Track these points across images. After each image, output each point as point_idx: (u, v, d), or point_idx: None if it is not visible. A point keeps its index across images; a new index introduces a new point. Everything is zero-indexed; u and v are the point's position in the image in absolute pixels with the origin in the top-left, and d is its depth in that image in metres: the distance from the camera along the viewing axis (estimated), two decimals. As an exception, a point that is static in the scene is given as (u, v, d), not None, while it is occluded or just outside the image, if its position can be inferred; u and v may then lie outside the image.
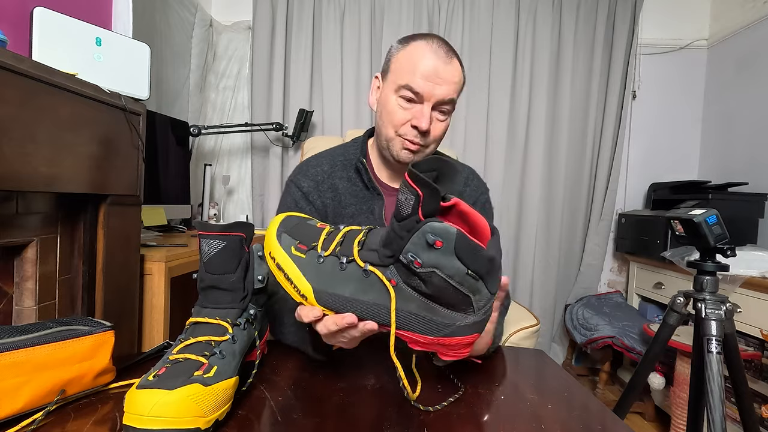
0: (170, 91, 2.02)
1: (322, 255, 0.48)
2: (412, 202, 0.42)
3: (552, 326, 2.35)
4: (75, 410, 0.47)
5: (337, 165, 0.86)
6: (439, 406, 0.51)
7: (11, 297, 0.86)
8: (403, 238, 0.43)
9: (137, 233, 1.10)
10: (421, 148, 0.78)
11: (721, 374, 0.98)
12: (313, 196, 0.83)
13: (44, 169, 0.78)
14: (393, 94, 0.76)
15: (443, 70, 0.73)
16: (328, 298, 0.48)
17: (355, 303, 0.47)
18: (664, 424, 1.81)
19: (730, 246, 1.02)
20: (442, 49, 0.74)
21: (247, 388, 0.52)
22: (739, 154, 2.12)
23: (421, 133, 0.75)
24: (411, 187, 0.41)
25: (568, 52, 2.27)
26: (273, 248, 0.51)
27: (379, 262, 0.46)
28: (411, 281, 0.44)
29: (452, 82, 0.74)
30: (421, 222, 0.41)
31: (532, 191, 2.31)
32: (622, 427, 0.49)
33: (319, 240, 0.50)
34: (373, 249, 0.47)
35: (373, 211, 0.83)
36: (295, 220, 0.54)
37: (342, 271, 0.47)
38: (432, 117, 0.75)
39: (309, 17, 2.24)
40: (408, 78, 0.73)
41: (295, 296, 0.50)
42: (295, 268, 0.49)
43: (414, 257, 0.42)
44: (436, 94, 0.73)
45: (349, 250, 0.48)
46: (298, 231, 0.52)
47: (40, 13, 0.95)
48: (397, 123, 0.76)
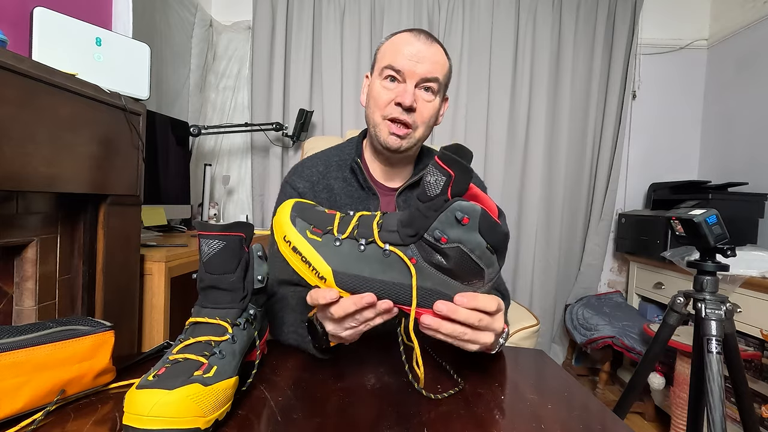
0: (170, 91, 2.02)
1: (339, 238, 0.50)
2: (442, 183, 0.45)
3: (552, 326, 2.35)
4: (75, 410, 0.47)
5: (332, 165, 0.87)
6: (447, 394, 0.53)
7: (11, 297, 0.86)
8: (429, 217, 0.46)
9: (137, 233, 1.10)
10: (409, 132, 0.78)
11: (721, 374, 0.98)
12: (308, 196, 0.84)
13: (44, 169, 0.78)
14: (378, 79, 0.78)
15: (424, 50, 0.75)
16: (347, 279, 0.49)
17: (374, 283, 0.49)
18: (664, 424, 1.81)
19: (730, 246, 1.03)
20: (423, 35, 0.77)
21: (247, 388, 0.52)
22: (739, 154, 2.12)
23: (405, 110, 0.75)
24: (442, 168, 0.44)
25: (568, 52, 2.27)
26: (288, 232, 0.51)
27: (399, 242, 0.48)
28: (432, 257, 0.47)
29: (433, 60, 0.76)
30: (449, 201, 0.45)
31: (532, 191, 2.31)
32: (622, 427, 0.49)
33: (333, 224, 0.51)
34: (392, 230, 0.49)
35: (368, 210, 0.83)
36: (304, 205, 0.54)
37: (361, 252, 0.49)
38: (417, 95, 0.76)
39: (309, 17, 2.24)
40: (390, 59, 0.76)
41: (312, 279, 0.50)
42: (313, 251, 0.50)
43: (441, 234, 0.45)
44: (417, 71, 0.75)
45: (369, 232, 0.50)
46: (310, 216, 0.52)
47: (40, 13, 0.95)
48: (382, 104, 0.77)
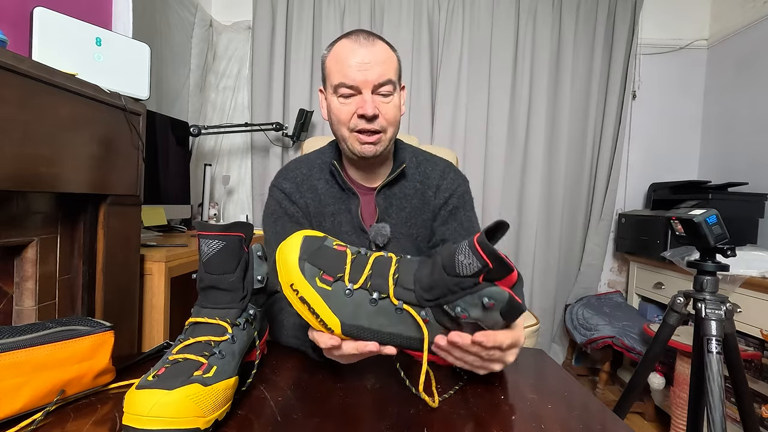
0: (170, 91, 2.02)
1: (351, 288, 0.48)
2: (476, 269, 0.45)
3: (552, 326, 2.35)
4: (75, 410, 0.47)
5: (314, 168, 0.88)
6: (451, 392, 0.54)
7: (11, 297, 0.86)
8: (454, 292, 0.46)
9: (137, 233, 1.10)
10: (380, 137, 0.79)
11: (721, 374, 0.98)
12: (295, 196, 0.86)
13: (44, 169, 0.78)
14: (333, 97, 0.78)
15: (368, 55, 0.75)
16: (355, 330, 0.48)
17: (382, 335, 0.49)
18: (664, 424, 1.81)
19: (730, 246, 1.02)
20: (362, 36, 0.77)
21: (247, 388, 0.52)
22: (739, 154, 2.12)
23: (369, 119, 0.76)
24: (480, 255, 0.44)
25: (568, 52, 2.27)
26: (296, 281, 0.48)
27: (414, 302, 0.48)
28: (445, 323, 0.48)
29: (381, 61, 0.76)
30: (480, 285, 0.45)
31: (532, 191, 2.31)
32: (622, 427, 0.49)
33: (345, 269, 0.49)
34: (409, 288, 0.48)
35: (350, 210, 0.85)
36: (314, 243, 0.51)
37: (372, 305, 0.48)
38: (376, 101, 0.76)
39: (309, 17, 2.24)
40: (339, 77, 0.76)
41: (318, 327, 0.50)
42: (322, 302, 0.48)
43: (463, 311, 0.46)
44: (369, 79, 0.75)
45: (384, 285, 0.48)
46: (320, 258, 0.49)
47: (40, 13, 0.95)
48: (345, 119, 0.78)
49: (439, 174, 0.89)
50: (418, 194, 0.87)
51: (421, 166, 0.90)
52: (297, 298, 0.49)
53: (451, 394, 0.54)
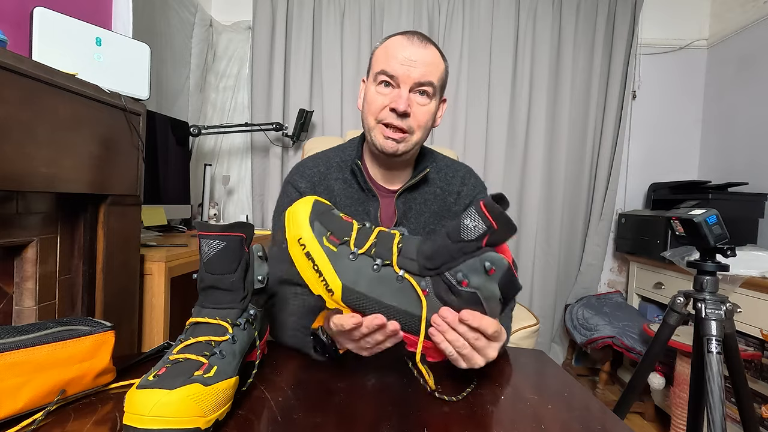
0: (170, 91, 2.02)
1: (356, 252, 0.48)
2: (480, 231, 0.45)
3: (552, 326, 2.35)
4: (75, 410, 0.47)
5: (332, 166, 0.86)
6: (461, 395, 0.53)
7: (11, 297, 0.86)
8: (456, 258, 0.46)
9: (137, 233, 1.10)
10: (405, 136, 0.77)
11: (721, 374, 0.98)
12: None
13: (44, 169, 0.78)
14: (372, 85, 0.78)
15: (417, 53, 0.75)
16: (354, 297, 0.48)
17: (380, 306, 0.48)
18: (664, 424, 1.81)
19: (730, 246, 1.02)
20: (417, 37, 0.76)
21: (247, 388, 0.52)
22: (739, 154, 2.12)
23: (400, 115, 0.75)
24: (485, 216, 0.44)
25: (568, 52, 2.27)
26: (304, 234, 0.48)
27: (416, 272, 0.48)
28: (444, 294, 0.47)
29: (427, 63, 0.75)
30: (482, 249, 0.45)
31: (532, 191, 2.31)
32: (622, 427, 0.49)
33: (351, 236, 0.49)
34: (411, 258, 0.48)
35: (368, 212, 0.84)
36: (323, 207, 0.52)
37: (375, 272, 0.48)
38: (411, 100, 0.75)
39: (309, 17, 2.24)
40: (383, 65, 0.76)
41: (318, 288, 0.49)
42: (327, 261, 0.48)
43: (464, 277, 0.46)
44: (411, 75, 0.74)
45: (387, 253, 0.48)
46: (329, 221, 0.50)
47: (40, 13, 0.95)
48: (376, 109, 0.77)
49: (460, 180, 0.89)
50: (438, 200, 0.87)
51: (442, 172, 0.89)
52: (303, 254, 0.48)
53: (464, 395, 0.53)
